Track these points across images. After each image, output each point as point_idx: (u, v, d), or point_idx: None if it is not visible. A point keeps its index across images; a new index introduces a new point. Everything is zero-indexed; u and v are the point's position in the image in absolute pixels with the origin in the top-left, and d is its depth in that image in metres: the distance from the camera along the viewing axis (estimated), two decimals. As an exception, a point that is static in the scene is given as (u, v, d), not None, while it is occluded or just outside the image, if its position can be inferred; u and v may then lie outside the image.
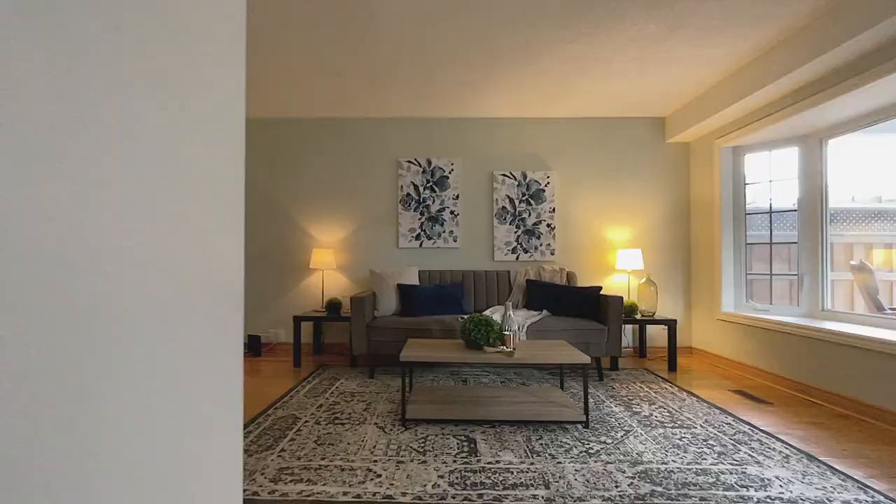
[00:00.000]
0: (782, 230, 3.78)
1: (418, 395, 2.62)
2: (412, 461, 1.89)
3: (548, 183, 4.17)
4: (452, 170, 4.19)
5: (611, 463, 1.88)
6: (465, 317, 3.37)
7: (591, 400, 2.74)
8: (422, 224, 4.19)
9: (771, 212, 3.58)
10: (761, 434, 2.20)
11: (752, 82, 3.06)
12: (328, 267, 4.01)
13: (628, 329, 4.14)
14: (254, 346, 4.03)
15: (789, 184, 3.46)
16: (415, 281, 3.82)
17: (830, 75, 2.71)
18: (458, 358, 2.30)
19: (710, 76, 3.32)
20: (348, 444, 2.07)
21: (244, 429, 2.25)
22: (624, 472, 1.80)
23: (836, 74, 2.67)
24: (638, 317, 3.71)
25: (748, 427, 2.29)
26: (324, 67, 3.22)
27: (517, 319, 3.27)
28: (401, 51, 2.97)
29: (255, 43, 2.86)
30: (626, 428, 2.27)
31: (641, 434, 2.19)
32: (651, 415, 2.47)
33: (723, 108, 3.36)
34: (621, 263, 3.97)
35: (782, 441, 2.11)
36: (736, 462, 1.89)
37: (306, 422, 2.36)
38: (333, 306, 3.81)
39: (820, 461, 1.90)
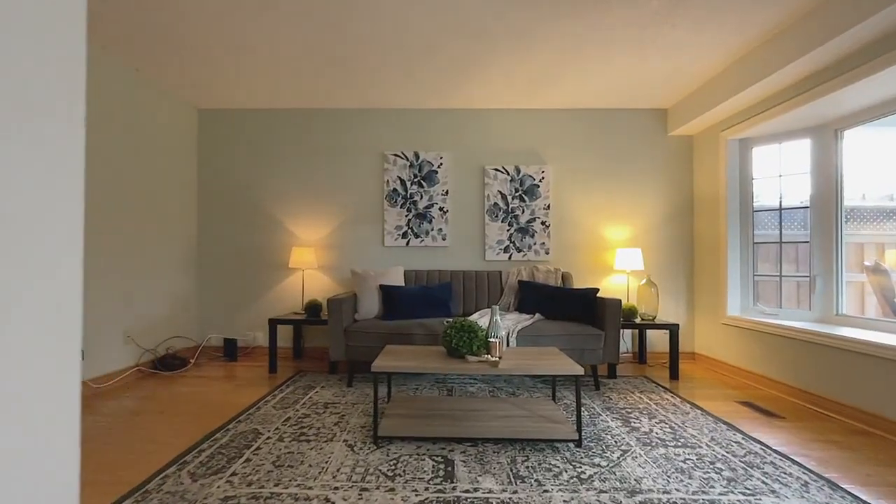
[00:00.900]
0: (789, 229, 3.54)
1: (395, 408, 2.38)
2: (378, 488, 1.65)
3: (542, 178, 3.94)
4: (441, 164, 3.96)
5: (605, 492, 1.64)
6: (450, 320, 3.13)
7: (585, 413, 2.51)
8: (409, 221, 3.96)
9: (781, 209, 3.34)
10: (775, 455, 1.96)
11: (760, 69, 2.82)
12: (309, 266, 3.78)
13: (627, 334, 3.91)
14: (229, 351, 3.80)
15: (799, 179, 3.22)
16: (400, 282, 3.59)
17: (845, 60, 2.47)
18: (436, 368, 2.07)
19: (716, 63, 3.08)
20: (310, 466, 1.84)
21: (197, 447, 2.01)
22: (620, 503, 1.57)
23: (852, 59, 2.43)
24: (637, 321, 3.47)
25: (759, 447, 2.05)
26: (301, 54, 2.99)
27: (507, 324, 3.04)
28: (383, 34, 2.73)
29: (227, 29, 2.63)
30: (623, 447, 2.04)
31: (640, 455, 1.96)
32: (651, 431, 2.24)
33: (729, 96, 3.12)
34: (620, 264, 3.73)
35: (799, 464, 1.87)
36: (748, 491, 1.65)
37: (268, 438, 2.12)
38: (313, 308, 3.58)
39: (844, 490, 1.66)
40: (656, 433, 2.21)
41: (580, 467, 1.83)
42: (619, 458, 1.93)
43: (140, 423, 2.32)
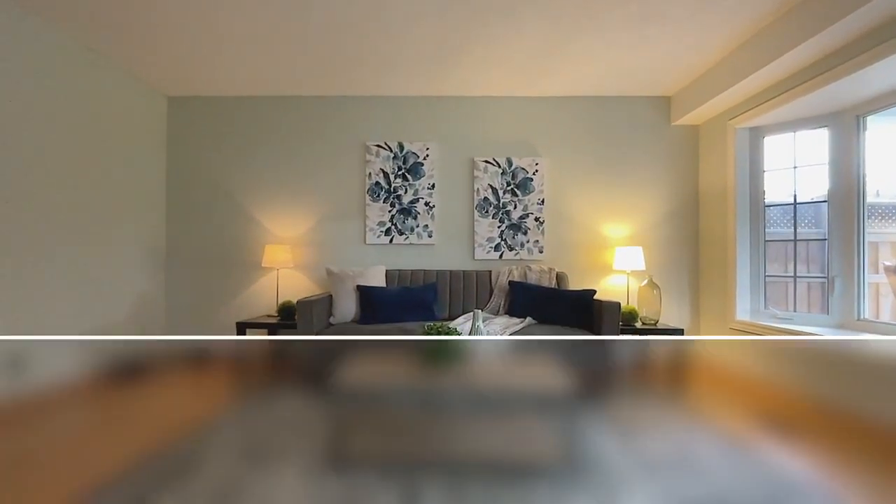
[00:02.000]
0: (799, 226, 3.26)
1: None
2: (325, 530, 1.37)
3: (536, 171, 3.66)
4: (427, 155, 3.68)
5: (599, 536, 1.35)
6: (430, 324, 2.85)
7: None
8: (392, 217, 3.68)
9: (795, 204, 3.06)
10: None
11: (773, 48, 2.55)
12: (284, 265, 3.50)
13: (627, 339, 3.62)
14: (197, 356, 3.52)
15: (815, 172, 2.94)
16: (381, 282, 3.32)
17: (870, 34, 2.19)
18: (404, 381, 1.78)
19: (724, 43, 2.80)
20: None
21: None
22: (617, 552, 1.28)
23: (879, 32, 2.15)
24: (638, 325, 3.20)
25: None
26: (277, 35, 2.71)
27: (494, 329, 2.76)
28: (362, 14, 2.46)
29: (196, 7, 2.36)
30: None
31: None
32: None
33: (738, 80, 2.84)
34: (619, 263, 3.46)
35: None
36: (773, 536, 1.36)
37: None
38: (287, 311, 3.31)
39: (888, 534, 1.38)
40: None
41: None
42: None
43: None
